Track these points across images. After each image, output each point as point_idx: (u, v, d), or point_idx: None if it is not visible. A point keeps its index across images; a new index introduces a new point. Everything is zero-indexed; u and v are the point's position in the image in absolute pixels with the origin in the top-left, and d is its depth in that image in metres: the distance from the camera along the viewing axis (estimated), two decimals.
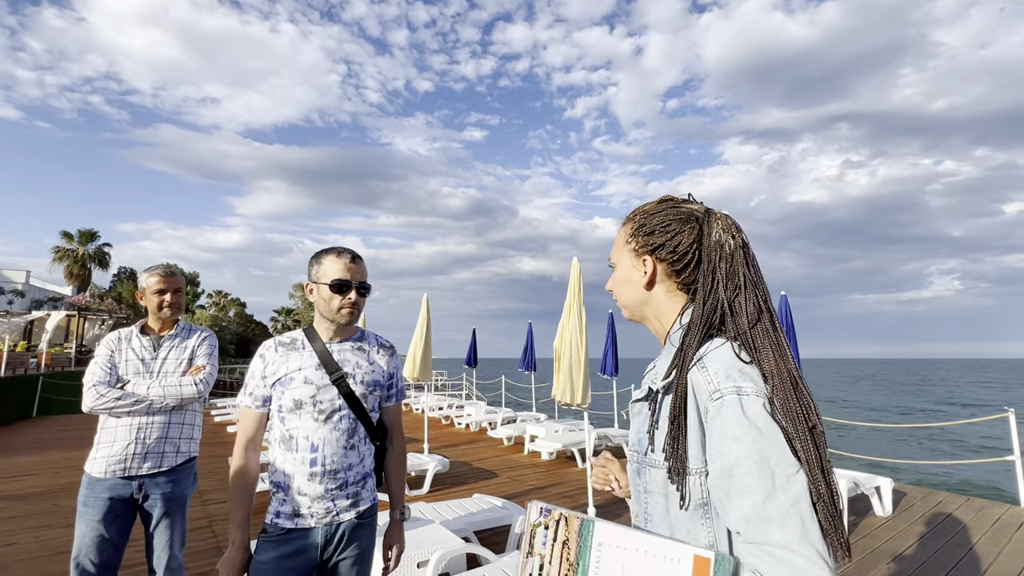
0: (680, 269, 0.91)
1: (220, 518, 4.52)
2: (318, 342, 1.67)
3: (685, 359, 0.82)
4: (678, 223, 0.92)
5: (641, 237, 0.95)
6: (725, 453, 0.73)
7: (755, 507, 0.69)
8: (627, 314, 1.02)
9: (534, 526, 0.82)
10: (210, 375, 2.30)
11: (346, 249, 1.67)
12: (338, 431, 1.59)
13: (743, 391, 0.75)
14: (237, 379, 25.70)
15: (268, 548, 1.54)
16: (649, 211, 0.96)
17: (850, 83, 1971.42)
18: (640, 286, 0.95)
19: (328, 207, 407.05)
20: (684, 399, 0.79)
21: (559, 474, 6.39)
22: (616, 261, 1.01)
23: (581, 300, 4.00)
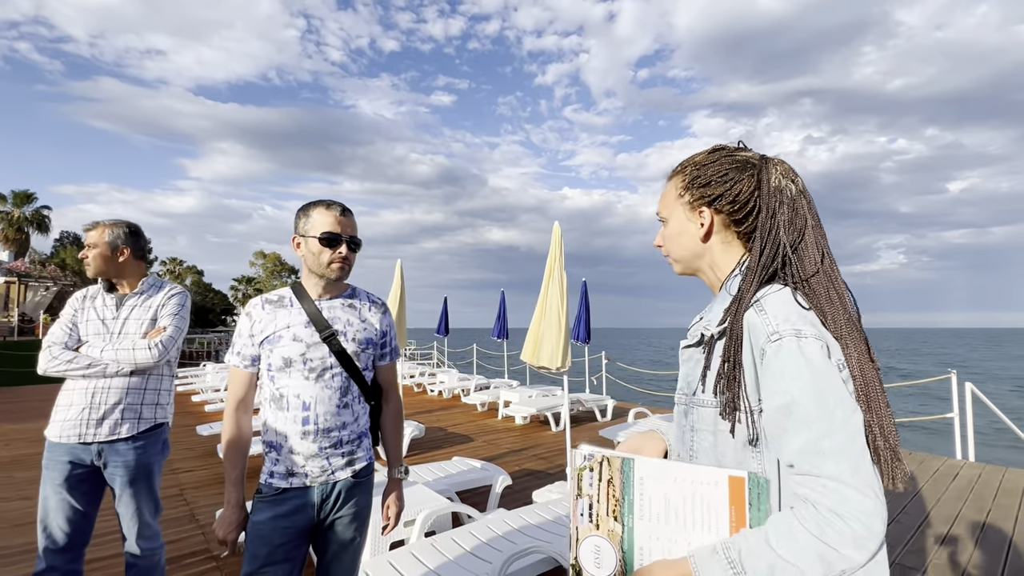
0: (740, 219, 0.90)
1: (191, 486, 4.43)
2: (307, 299, 1.60)
3: (742, 303, 0.82)
4: (735, 171, 0.89)
5: (696, 189, 0.92)
6: (783, 392, 0.74)
7: (810, 442, 0.70)
8: (679, 268, 1.00)
9: (580, 470, 0.87)
10: (171, 338, 2.08)
11: (335, 201, 1.59)
12: (330, 389, 1.55)
13: (802, 333, 0.75)
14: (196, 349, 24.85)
15: (264, 508, 1.50)
16: (702, 162, 0.93)
17: (815, 59, 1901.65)
18: (696, 239, 0.94)
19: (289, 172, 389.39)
20: (740, 340, 0.80)
21: (534, 437, 6.54)
22: (667, 215, 0.98)
23: (563, 265, 3.99)
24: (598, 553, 0.84)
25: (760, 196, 0.87)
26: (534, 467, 5.17)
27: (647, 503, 0.81)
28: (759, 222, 0.86)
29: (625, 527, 0.82)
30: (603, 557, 0.84)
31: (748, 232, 0.90)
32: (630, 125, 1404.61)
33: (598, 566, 0.84)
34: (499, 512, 3.02)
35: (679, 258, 0.98)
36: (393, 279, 6.79)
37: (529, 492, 4.26)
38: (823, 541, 0.66)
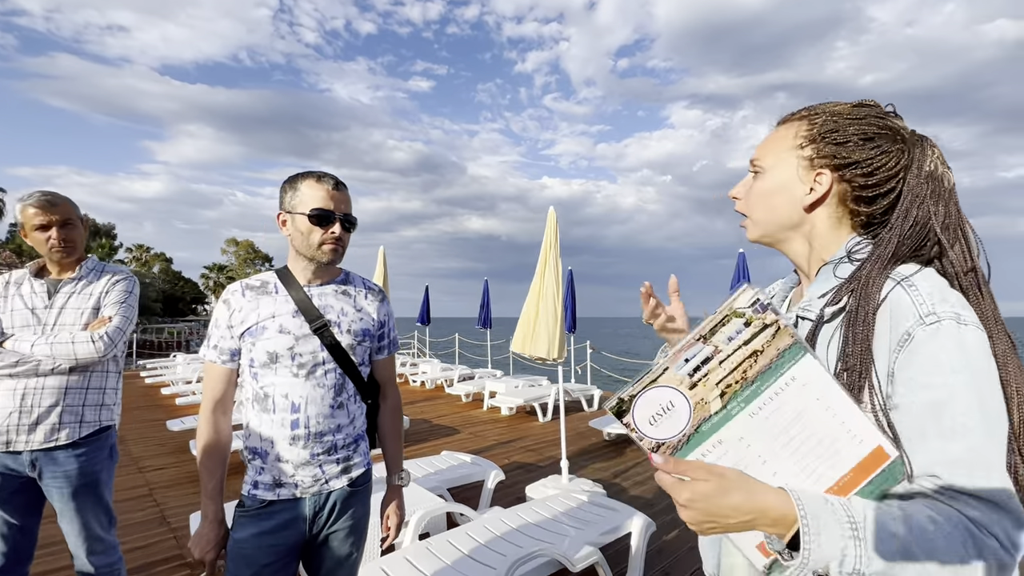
0: (868, 198, 0.73)
1: (161, 486, 4.16)
2: (294, 285, 1.40)
3: (870, 282, 0.66)
4: (885, 139, 0.72)
5: (827, 145, 0.74)
6: (937, 386, 0.59)
7: (970, 451, 0.57)
8: (756, 233, 0.83)
9: (734, 313, 0.64)
10: (118, 329, 1.82)
11: (327, 173, 1.39)
12: (323, 388, 1.36)
13: (963, 319, 0.61)
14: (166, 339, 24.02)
15: (247, 524, 1.31)
16: (843, 114, 0.75)
17: (790, 53, 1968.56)
18: (798, 204, 0.77)
19: (261, 156, 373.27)
20: (871, 321, 0.64)
21: (521, 428, 6.42)
22: (768, 164, 0.79)
23: (558, 252, 3.84)
24: (666, 410, 0.63)
25: (907, 179, 0.71)
26: (524, 459, 5.05)
27: (774, 405, 0.62)
28: (899, 208, 0.70)
29: (725, 411, 0.63)
30: (669, 418, 0.63)
31: (871, 216, 0.74)
32: (609, 115, 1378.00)
33: (652, 423, 0.64)
34: (495, 511, 2.88)
35: (762, 220, 0.81)
36: (376, 266, 6.54)
37: (521, 486, 4.14)
38: (963, 554, 0.55)
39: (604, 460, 5.04)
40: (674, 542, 3.22)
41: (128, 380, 10.41)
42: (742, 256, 6.30)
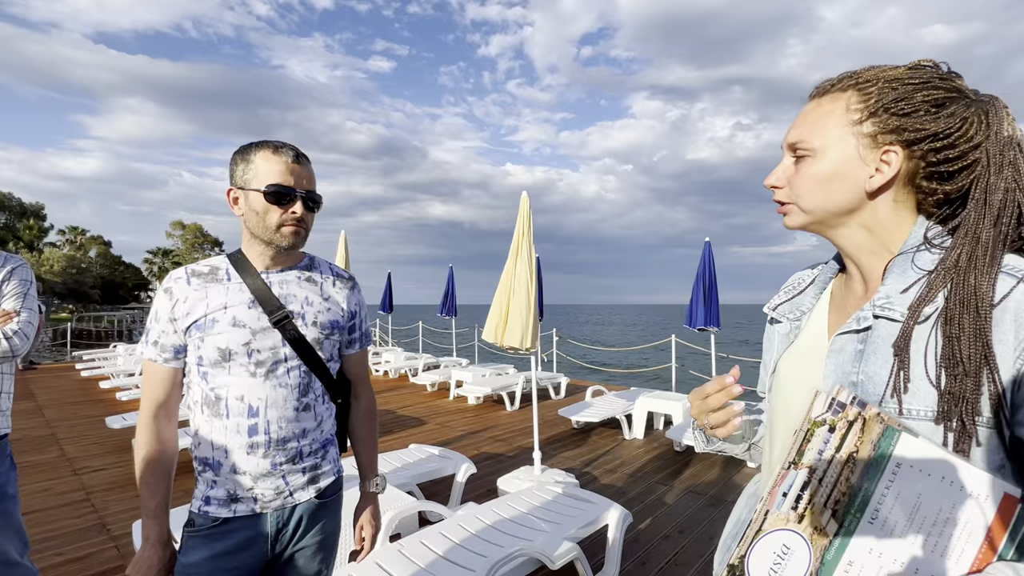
0: (946, 174, 0.63)
1: (100, 489, 3.82)
2: (249, 272, 1.22)
3: (974, 278, 0.57)
4: (959, 104, 0.62)
5: (892, 117, 0.63)
6: None
7: None
8: (802, 220, 0.72)
9: (814, 424, 0.56)
10: (28, 323, 1.63)
11: (286, 143, 1.20)
12: (285, 388, 1.19)
13: None
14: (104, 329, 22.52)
15: (198, 546, 1.14)
16: (902, 79, 0.64)
17: (746, 48, 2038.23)
18: (861, 187, 0.66)
19: (210, 135, 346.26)
20: (986, 327, 0.55)
21: (490, 418, 6.33)
22: (819, 145, 0.68)
23: (531, 239, 3.72)
24: (783, 555, 0.55)
25: (985, 147, 0.61)
26: (493, 450, 4.97)
27: (889, 502, 0.53)
28: (979, 180, 0.61)
29: (843, 529, 0.54)
30: (789, 562, 0.54)
31: (946, 194, 0.65)
32: (573, 103, 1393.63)
33: (775, 574, 0.55)
34: (469, 507, 2.77)
35: (815, 208, 0.69)
36: (337, 252, 6.24)
37: (492, 478, 4.05)
38: None
39: (574, 448, 5.03)
40: (647, 531, 3.21)
41: (62, 373, 9.64)
42: (708, 245, 6.38)
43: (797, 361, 0.76)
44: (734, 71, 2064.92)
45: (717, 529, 3.24)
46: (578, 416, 5.26)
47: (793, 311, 0.81)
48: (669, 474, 4.29)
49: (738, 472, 4.33)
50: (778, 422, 0.78)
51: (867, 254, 0.70)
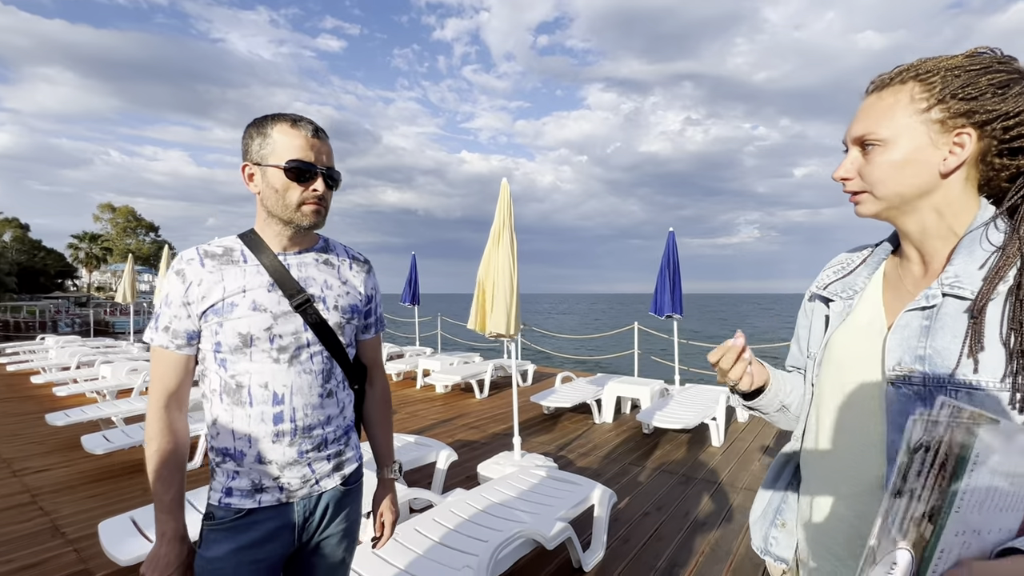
0: (1019, 149, 0.68)
1: (47, 490, 3.54)
2: (266, 253, 1.16)
3: None
4: (1022, 83, 0.67)
5: (960, 102, 0.68)
6: None
7: None
8: (877, 208, 0.76)
9: (914, 451, 0.53)
10: None
11: (304, 117, 1.15)
12: (309, 374, 1.15)
13: None
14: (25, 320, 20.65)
15: (221, 539, 1.09)
16: (964, 67, 0.69)
17: (696, 44, 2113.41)
18: (936, 170, 0.71)
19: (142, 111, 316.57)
20: None
21: (459, 406, 6.32)
22: (890, 135, 0.72)
23: (512, 227, 3.72)
24: (891, 570, 0.55)
25: None
26: (467, 438, 4.97)
27: (973, 489, 0.52)
28: None
29: (937, 527, 0.53)
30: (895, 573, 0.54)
31: (1017, 169, 0.70)
32: (529, 92, 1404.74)
33: None
34: (458, 493, 2.78)
35: (891, 194, 0.74)
36: None
37: (470, 465, 4.06)
38: None
39: (546, 433, 5.11)
40: (627, 510, 3.33)
41: None
42: (672, 235, 6.60)
43: (853, 337, 0.81)
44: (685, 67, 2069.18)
45: (691, 505, 3.40)
46: (551, 402, 5.34)
47: (846, 290, 0.86)
48: (640, 455, 4.45)
49: (703, 451, 4.55)
50: (828, 396, 0.83)
51: (933, 238, 0.75)
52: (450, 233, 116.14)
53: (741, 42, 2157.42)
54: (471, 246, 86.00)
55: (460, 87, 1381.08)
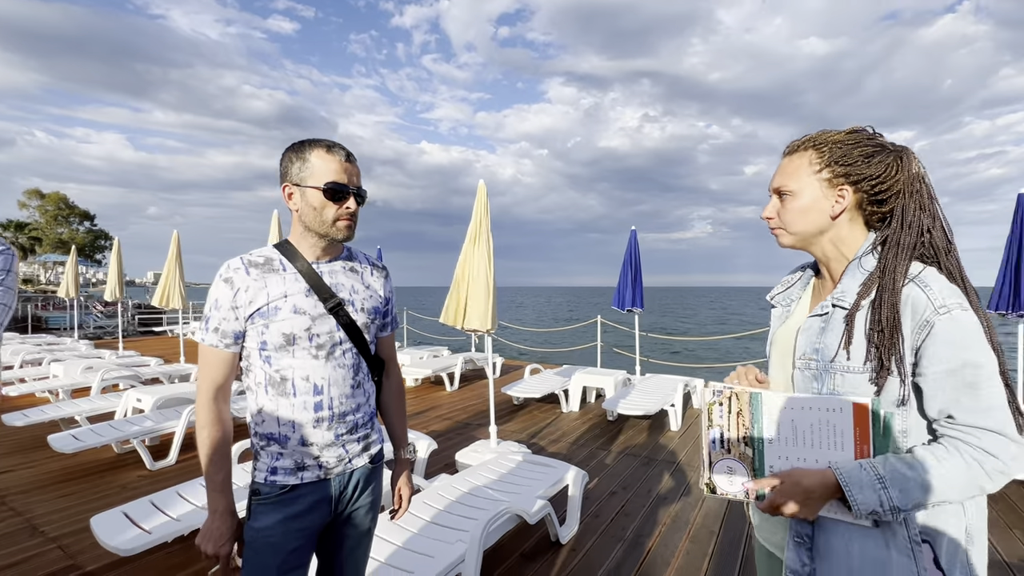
0: (880, 200, 0.95)
1: (16, 491, 3.46)
2: (301, 261, 1.32)
3: (895, 279, 0.88)
4: (881, 153, 0.94)
5: (839, 167, 0.95)
6: (950, 358, 0.84)
7: (976, 400, 0.82)
8: (791, 240, 1.03)
9: (710, 405, 1.00)
10: (4, 306, 1.53)
11: (337, 144, 1.31)
12: (343, 368, 1.33)
13: (963, 306, 0.85)
14: None
15: (269, 511, 1.25)
16: (844, 141, 0.95)
17: (655, 43, 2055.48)
18: (827, 215, 0.97)
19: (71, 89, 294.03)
20: (898, 312, 0.87)
21: (431, 399, 6.48)
22: (795, 189, 0.99)
23: (488, 227, 3.91)
24: (731, 472, 0.98)
25: (903, 182, 0.94)
26: (440, 428, 5.15)
27: (776, 429, 0.93)
28: (900, 205, 0.94)
29: (756, 451, 0.96)
30: (735, 475, 0.98)
31: (883, 214, 0.97)
32: (490, 83, 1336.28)
33: (731, 483, 0.98)
34: (443, 478, 2.97)
35: (799, 231, 1.01)
36: (270, 233, 5.95)
37: (448, 454, 4.25)
38: (978, 472, 0.81)
39: (518, 423, 5.36)
40: (596, 489, 3.62)
41: None
42: (633, 234, 6.97)
43: (785, 334, 1.08)
44: (643, 64, 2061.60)
45: (653, 483, 3.74)
46: (521, 393, 5.59)
47: (786, 300, 1.14)
48: (606, 440, 4.78)
49: (663, 435, 4.93)
50: (772, 375, 1.10)
51: (833, 262, 1.02)
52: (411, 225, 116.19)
53: (697, 42, 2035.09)
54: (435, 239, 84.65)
55: (420, 76, 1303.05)
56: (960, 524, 0.89)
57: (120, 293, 8.84)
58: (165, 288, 7.52)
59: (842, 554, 0.91)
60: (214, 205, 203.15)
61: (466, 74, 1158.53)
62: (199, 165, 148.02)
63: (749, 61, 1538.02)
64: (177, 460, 4.11)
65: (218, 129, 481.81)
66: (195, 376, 6.68)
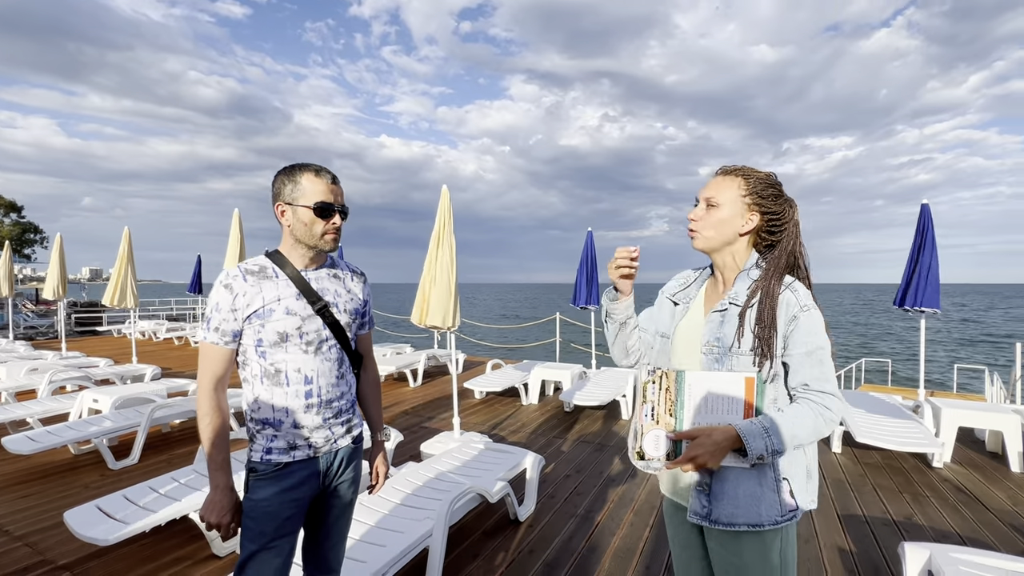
0: (772, 230, 1.27)
1: None
2: (290, 269, 1.52)
3: (773, 286, 1.20)
4: (783, 199, 1.27)
5: (759, 198, 1.25)
6: (808, 343, 1.16)
7: (822, 372, 1.16)
8: (702, 244, 1.30)
9: (645, 383, 1.23)
10: None
11: (324, 168, 1.52)
12: (329, 361, 1.54)
13: (815, 306, 1.18)
14: None
15: (266, 485, 1.45)
16: (766, 181, 1.26)
17: (615, 44, 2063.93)
18: (737, 230, 1.27)
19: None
20: (775, 310, 1.18)
21: (395, 394, 6.63)
22: (721, 202, 1.26)
23: (452, 229, 4.12)
24: (657, 441, 1.21)
25: (790, 223, 1.27)
26: (405, 422, 5.33)
27: (694, 401, 1.20)
28: (783, 239, 1.27)
29: (677, 420, 1.21)
30: (660, 443, 1.21)
31: (769, 241, 1.29)
32: (451, 78, 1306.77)
33: (657, 449, 1.21)
34: (410, 466, 3.18)
35: (712, 237, 1.29)
36: (231, 231, 5.93)
37: (412, 446, 4.46)
38: (820, 422, 1.14)
39: (480, 415, 5.61)
40: (552, 473, 3.93)
41: None
42: (590, 235, 7.34)
43: (688, 326, 1.38)
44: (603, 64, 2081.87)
45: (604, 467, 4.08)
46: (483, 387, 5.84)
47: (685, 298, 1.43)
48: (562, 429, 5.10)
49: (615, 423, 5.30)
50: (680, 357, 1.39)
51: (727, 270, 1.33)
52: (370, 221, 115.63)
53: (655, 44, 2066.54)
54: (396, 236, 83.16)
55: (379, 68, 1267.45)
56: (803, 465, 1.22)
57: (63, 291, 8.47)
58: (116, 286, 7.28)
59: (730, 495, 1.21)
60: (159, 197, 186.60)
61: (427, 68, 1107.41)
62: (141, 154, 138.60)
63: (704, 65, 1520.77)
64: (140, 459, 4.12)
65: (162, 116, 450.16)
66: (150, 376, 6.57)
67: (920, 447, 3.83)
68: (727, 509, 1.22)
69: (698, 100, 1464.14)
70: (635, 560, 2.71)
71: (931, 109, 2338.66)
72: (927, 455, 4.27)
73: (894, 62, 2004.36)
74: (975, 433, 4.94)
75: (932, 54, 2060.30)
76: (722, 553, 1.26)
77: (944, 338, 33.58)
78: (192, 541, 2.81)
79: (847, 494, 3.59)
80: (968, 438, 4.85)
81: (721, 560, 1.26)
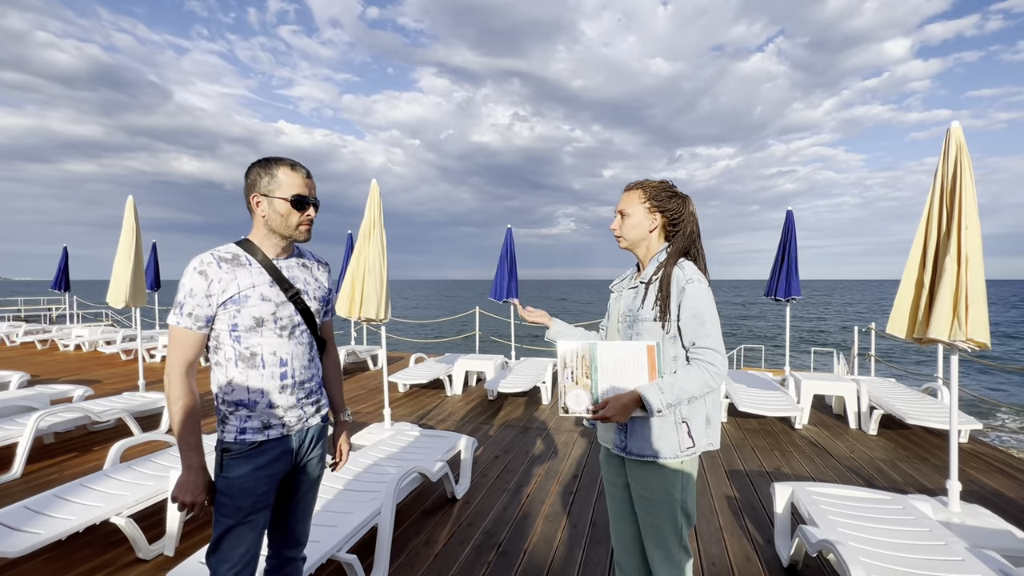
0: (673, 224, 1.60)
1: None
2: (262, 256, 1.60)
3: (669, 265, 1.53)
4: (677, 199, 1.59)
5: (657, 201, 1.58)
6: (694, 308, 1.49)
7: (705, 332, 1.49)
8: (625, 244, 1.64)
9: (564, 355, 1.54)
10: None
11: (298, 162, 1.62)
12: (302, 345, 1.64)
13: (701, 279, 1.52)
14: None
15: (241, 463, 1.52)
16: (659, 188, 1.59)
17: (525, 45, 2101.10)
18: (646, 230, 1.60)
19: None
20: (669, 282, 1.51)
21: None
22: (630, 212, 1.60)
23: (382, 224, 4.17)
24: (578, 398, 1.51)
25: (685, 214, 1.61)
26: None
27: (606, 367, 1.51)
28: (682, 228, 1.60)
29: (593, 381, 1.51)
30: (581, 400, 1.52)
31: (673, 232, 1.62)
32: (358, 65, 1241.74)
33: (578, 404, 1.51)
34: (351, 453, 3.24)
35: (631, 238, 1.63)
36: (124, 221, 5.40)
37: None
38: (707, 377, 1.48)
39: (406, 408, 5.69)
40: (482, 455, 4.17)
41: None
42: (509, 231, 7.66)
43: (615, 306, 1.71)
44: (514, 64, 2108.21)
45: (529, 447, 4.40)
46: (408, 379, 5.92)
47: (620, 287, 1.76)
48: (488, 416, 5.36)
49: (537, 408, 5.67)
50: (612, 333, 1.71)
51: (645, 260, 1.66)
52: None
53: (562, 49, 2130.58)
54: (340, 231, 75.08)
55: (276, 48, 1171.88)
56: (702, 413, 1.57)
57: None
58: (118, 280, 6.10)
59: (640, 432, 1.55)
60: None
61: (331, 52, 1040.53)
62: None
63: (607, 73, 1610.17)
64: (23, 473, 3.70)
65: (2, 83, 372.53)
66: (16, 384, 5.76)
67: (786, 412, 4.64)
68: (637, 443, 1.56)
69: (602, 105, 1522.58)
70: (563, 521, 3.04)
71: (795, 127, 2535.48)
72: (791, 419, 5.15)
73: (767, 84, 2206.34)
74: (825, 400, 6.01)
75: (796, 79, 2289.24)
76: (635, 486, 1.60)
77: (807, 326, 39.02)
78: (111, 548, 2.66)
79: (732, 454, 4.26)
80: (820, 404, 5.89)
81: (636, 492, 1.61)
